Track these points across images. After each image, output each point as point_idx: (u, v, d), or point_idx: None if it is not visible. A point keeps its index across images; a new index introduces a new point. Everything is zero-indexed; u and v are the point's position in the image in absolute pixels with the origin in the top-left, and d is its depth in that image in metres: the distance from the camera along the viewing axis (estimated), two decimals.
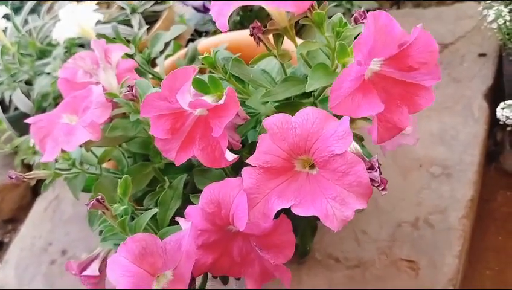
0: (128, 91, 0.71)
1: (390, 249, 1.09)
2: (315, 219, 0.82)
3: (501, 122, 1.01)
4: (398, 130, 0.66)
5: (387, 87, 0.65)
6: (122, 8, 1.63)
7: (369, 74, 0.64)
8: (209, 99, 0.70)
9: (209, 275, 0.77)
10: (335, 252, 1.12)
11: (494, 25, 1.08)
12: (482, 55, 1.36)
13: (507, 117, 1.00)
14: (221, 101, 0.66)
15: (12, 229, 1.73)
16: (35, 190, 1.77)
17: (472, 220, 1.14)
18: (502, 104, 1.01)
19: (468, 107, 1.27)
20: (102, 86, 0.78)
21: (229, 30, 0.70)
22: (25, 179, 0.79)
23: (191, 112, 0.70)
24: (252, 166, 0.63)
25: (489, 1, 1.12)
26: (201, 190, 0.75)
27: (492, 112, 1.23)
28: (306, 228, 0.79)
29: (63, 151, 0.73)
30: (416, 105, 0.66)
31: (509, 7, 1.08)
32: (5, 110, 1.49)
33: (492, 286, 1.10)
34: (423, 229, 1.11)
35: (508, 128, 1.03)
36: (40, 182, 0.89)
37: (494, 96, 1.30)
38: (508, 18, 1.06)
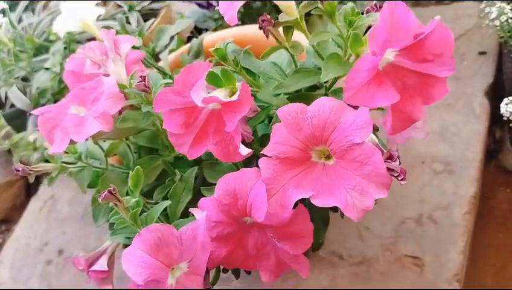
0: (141, 81, 0.70)
1: (394, 246, 1.09)
2: (327, 210, 0.82)
3: (505, 118, 1.02)
4: (411, 122, 0.65)
5: (402, 77, 0.64)
6: (120, 6, 1.62)
7: (384, 64, 0.64)
8: (221, 92, 0.69)
9: None
10: (339, 249, 1.12)
11: (497, 22, 1.09)
12: (482, 53, 1.37)
13: (511, 113, 1.01)
14: (235, 97, 0.65)
15: (6, 229, 1.70)
16: (29, 189, 1.74)
17: (474, 217, 1.14)
18: (505, 100, 1.02)
19: (469, 104, 1.28)
20: None
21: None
22: (31, 172, 0.77)
23: (204, 106, 0.69)
24: (267, 156, 0.62)
25: None
26: (211, 183, 0.75)
27: (493, 109, 1.24)
28: (318, 220, 0.78)
29: (71, 142, 0.71)
30: (430, 96, 0.65)
31: (511, 5, 1.09)
32: (0, 108, 1.47)
33: (493, 282, 1.11)
34: (427, 225, 1.10)
35: (511, 125, 1.04)
36: (34, 181, 0.87)
37: (495, 93, 1.31)
38: (510, 15, 1.07)
